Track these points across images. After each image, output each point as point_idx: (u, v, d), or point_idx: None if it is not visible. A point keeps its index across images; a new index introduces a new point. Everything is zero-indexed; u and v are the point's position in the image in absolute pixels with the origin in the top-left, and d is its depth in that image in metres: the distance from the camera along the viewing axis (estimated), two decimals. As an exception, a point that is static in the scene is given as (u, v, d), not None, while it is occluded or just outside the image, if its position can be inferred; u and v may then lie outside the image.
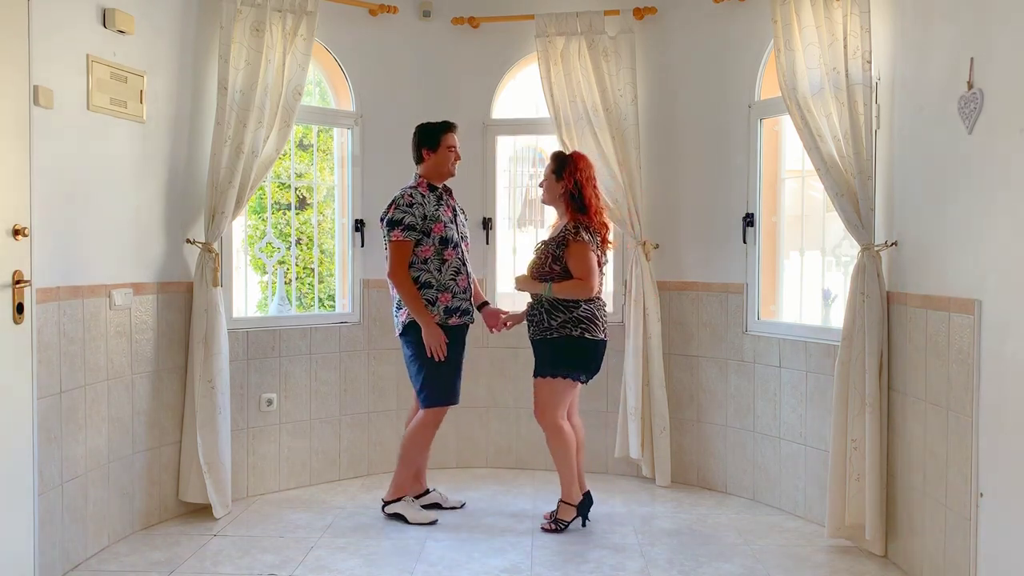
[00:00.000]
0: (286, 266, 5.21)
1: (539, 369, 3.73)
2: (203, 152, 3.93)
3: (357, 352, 4.59)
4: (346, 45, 4.54)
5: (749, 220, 4.23)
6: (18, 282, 2.74)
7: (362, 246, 4.60)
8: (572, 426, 3.82)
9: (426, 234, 3.75)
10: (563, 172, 3.72)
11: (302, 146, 6.66)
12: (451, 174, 3.90)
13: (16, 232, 2.74)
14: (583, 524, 3.80)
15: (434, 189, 3.86)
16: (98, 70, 3.32)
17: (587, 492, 3.83)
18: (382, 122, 4.58)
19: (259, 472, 4.27)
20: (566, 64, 4.46)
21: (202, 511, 3.90)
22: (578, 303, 3.66)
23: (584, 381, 3.75)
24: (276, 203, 6.89)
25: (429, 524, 3.82)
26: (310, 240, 6.48)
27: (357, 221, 4.59)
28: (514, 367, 4.72)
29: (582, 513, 3.79)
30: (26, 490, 2.85)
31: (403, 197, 3.77)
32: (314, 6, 4.07)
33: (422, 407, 3.85)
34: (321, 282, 5.21)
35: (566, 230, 3.67)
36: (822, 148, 3.50)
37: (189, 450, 3.84)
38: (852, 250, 3.66)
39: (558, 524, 3.76)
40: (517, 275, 3.95)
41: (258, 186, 3.99)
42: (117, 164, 3.49)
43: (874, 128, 3.45)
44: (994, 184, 2.63)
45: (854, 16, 3.37)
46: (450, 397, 3.83)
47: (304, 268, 6.53)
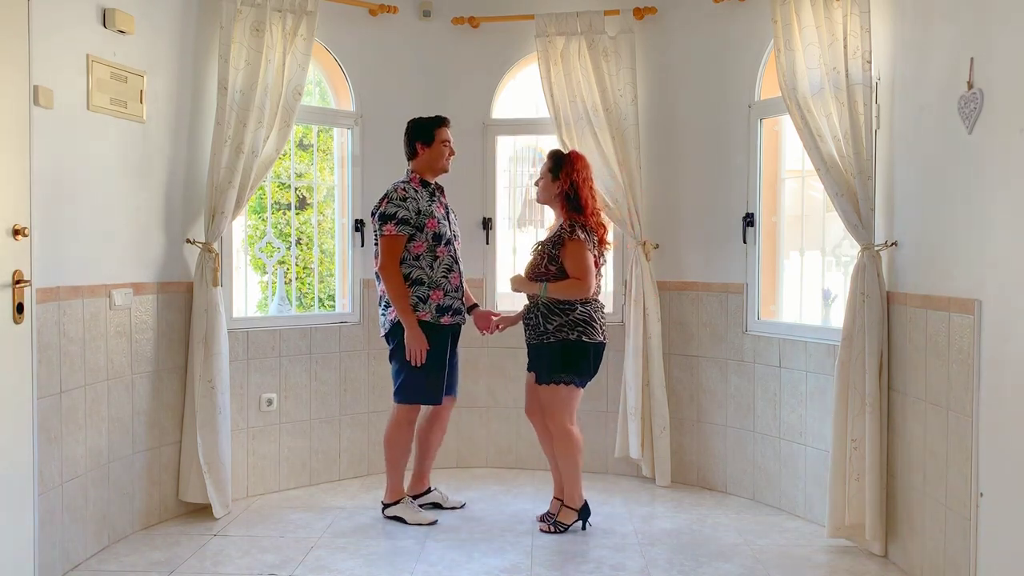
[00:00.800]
0: (286, 266, 5.21)
1: (539, 376, 3.70)
2: (203, 152, 3.93)
3: (357, 352, 4.59)
4: (346, 45, 4.54)
5: (749, 220, 4.23)
6: (18, 282, 2.74)
7: (362, 246, 4.60)
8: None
9: (419, 229, 3.71)
10: (560, 172, 3.68)
11: (302, 146, 6.66)
12: (445, 169, 3.88)
13: (16, 232, 2.74)
14: (583, 527, 3.79)
15: (426, 185, 3.84)
16: (98, 70, 3.32)
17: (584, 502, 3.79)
18: (382, 122, 4.58)
19: (259, 472, 4.28)
20: (566, 64, 4.46)
21: (202, 511, 3.91)
22: (574, 306, 3.62)
23: (583, 385, 3.71)
24: (276, 203, 6.89)
25: (429, 524, 3.82)
26: (310, 240, 6.48)
27: (357, 221, 4.59)
28: (514, 367, 4.71)
29: (583, 518, 3.77)
30: (26, 490, 2.85)
31: (396, 191, 3.73)
32: (314, 6, 4.07)
33: (394, 401, 3.81)
34: (321, 282, 5.20)
35: (562, 230, 3.64)
36: (822, 148, 3.50)
37: (189, 450, 3.84)
38: (852, 250, 3.66)
39: (558, 527, 3.74)
40: (512, 276, 3.94)
41: (258, 186, 3.99)
42: (117, 164, 3.49)
43: (874, 128, 3.45)
44: (994, 184, 2.63)
45: (854, 16, 3.37)
46: (428, 396, 3.78)
47: (304, 268, 6.53)
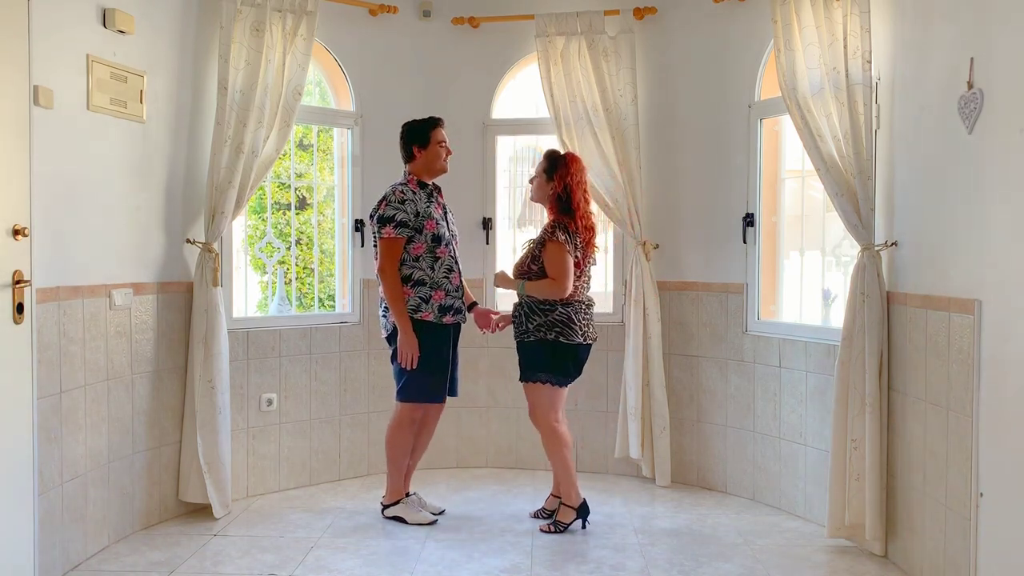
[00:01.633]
0: (286, 266, 5.21)
1: (520, 373, 3.76)
2: (203, 152, 3.93)
3: (357, 352, 4.59)
4: (346, 45, 4.54)
5: (749, 220, 4.23)
6: (18, 282, 2.74)
7: (362, 246, 4.60)
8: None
9: (418, 231, 3.72)
10: (554, 173, 3.71)
11: (302, 146, 6.66)
12: (443, 170, 3.88)
13: (16, 232, 2.74)
14: (583, 526, 3.79)
15: (424, 186, 3.84)
16: (98, 70, 3.32)
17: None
18: (382, 122, 4.57)
19: (259, 472, 4.27)
20: (566, 64, 4.46)
21: (202, 511, 3.91)
22: (554, 306, 3.65)
23: (561, 385, 3.73)
24: (276, 203, 6.88)
25: (429, 524, 3.82)
26: (310, 240, 6.48)
27: (357, 221, 4.59)
28: (514, 367, 4.64)
29: (582, 516, 3.77)
30: (26, 490, 2.85)
31: (394, 194, 3.74)
32: (314, 6, 4.07)
33: (397, 400, 3.82)
34: (321, 282, 5.20)
35: (545, 230, 3.70)
36: (822, 148, 3.50)
37: (189, 450, 3.84)
38: (852, 250, 3.66)
39: (557, 526, 3.75)
40: (497, 271, 3.95)
41: (258, 186, 3.99)
42: (117, 164, 3.49)
43: (874, 128, 3.45)
44: (994, 184, 2.63)
45: (854, 16, 3.37)
46: (432, 395, 3.80)
47: (304, 268, 6.53)
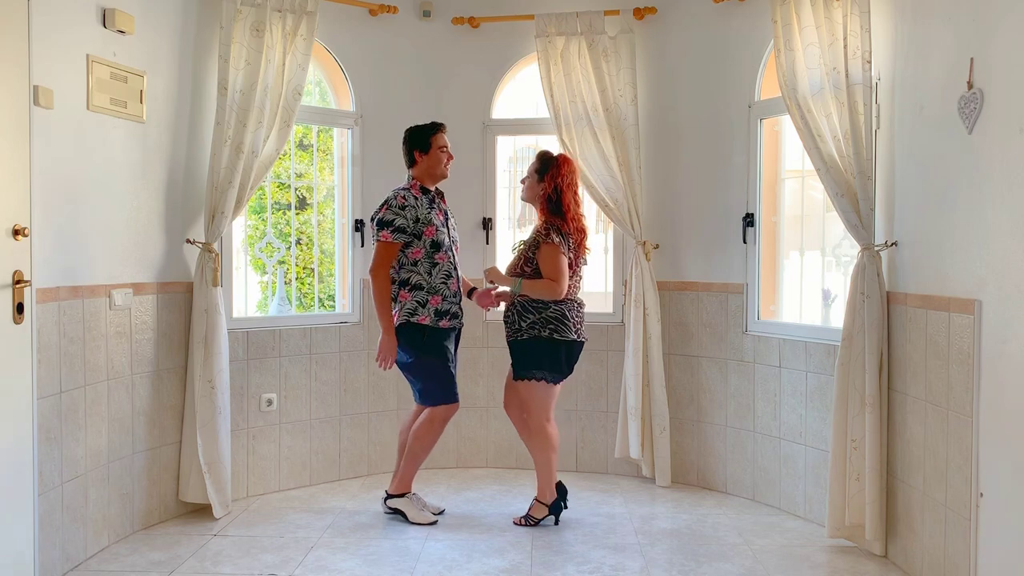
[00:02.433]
0: (286, 266, 5.21)
1: (514, 371, 3.78)
2: (203, 152, 3.93)
3: (357, 352, 4.59)
4: (346, 45, 4.54)
5: (749, 220, 4.23)
6: (18, 282, 2.75)
7: (362, 246, 4.60)
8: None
9: (417, 236, 3.75)
10: (545, 174, 3.75)
11: (302, 146, 6.66)
12: (444, 175, 3.90)
13: (16, 232, 2.74)
14: (555, 523, 3.83)
15: (427, 192, 3.85)
16: (98, 70, 3.32)
17: (559, 482, 3.85)
18: (382, 122, 4.58)
19: (259, 472, 4.27)
20: (566, 64, 4.46)
21: (202, 511, 3.91)
22: (548, 304, 3.70)
23: (555, 382, 3.76)
24: (276, 203, 6.88)
25: (429, 524, 3.82)
26: (310, 240, 6.48)
27: (357, 221, 4.59)
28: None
29: (554, 512, 3.82)
30: (26, 490, 2.86)
31: (396, 199, 3.76)
32: (314, 6, 4.07)
33: (429, 405, 3.84)
34: (321, 282, 5.20)
35: (538, 232, 3.73)
36: (822, 148, 3.50)
37: (189, 450, 3.84)
38: (852, 250, 3.66)
39: (528, 520, 3.82)
40: (489, 267, 3.97)
41: (258, 186, 3.99)
42: (117, 164, 3.49)
43: (874, 128, 3.45)
44: (994, 184, 2.63)
45: (854, 16, 3.37)
46: (449, 395, 3.82)
47: (304, 268, 6.53)
